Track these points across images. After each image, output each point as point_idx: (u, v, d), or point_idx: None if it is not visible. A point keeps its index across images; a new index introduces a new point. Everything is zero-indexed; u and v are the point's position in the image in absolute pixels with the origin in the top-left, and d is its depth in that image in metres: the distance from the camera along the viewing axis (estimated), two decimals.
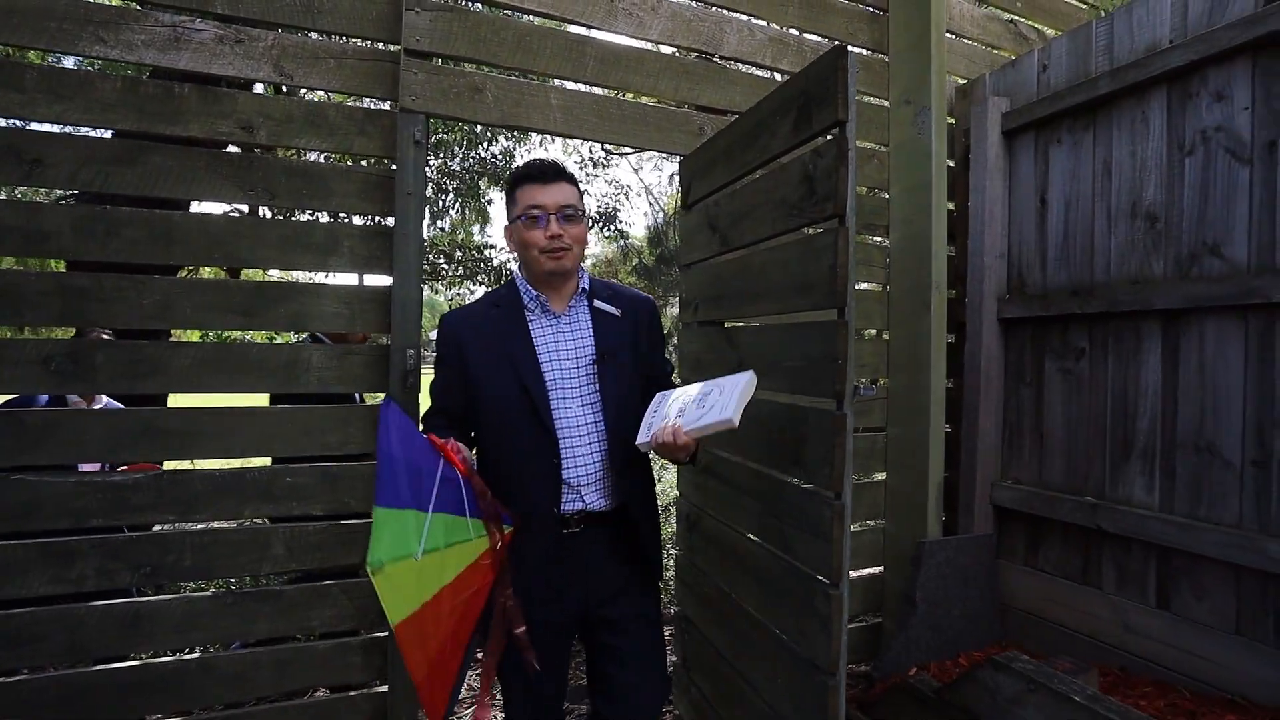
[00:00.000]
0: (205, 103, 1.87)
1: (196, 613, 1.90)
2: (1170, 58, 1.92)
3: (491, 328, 1.51)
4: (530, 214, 1.45)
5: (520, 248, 1.50)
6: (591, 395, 1.50)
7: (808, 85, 1.50)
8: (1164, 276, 1.98)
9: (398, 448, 1.23)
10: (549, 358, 1.49)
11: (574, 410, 1.48)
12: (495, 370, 1.48)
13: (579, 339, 1.53)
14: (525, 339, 1.49)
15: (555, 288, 1.53)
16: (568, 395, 1.48)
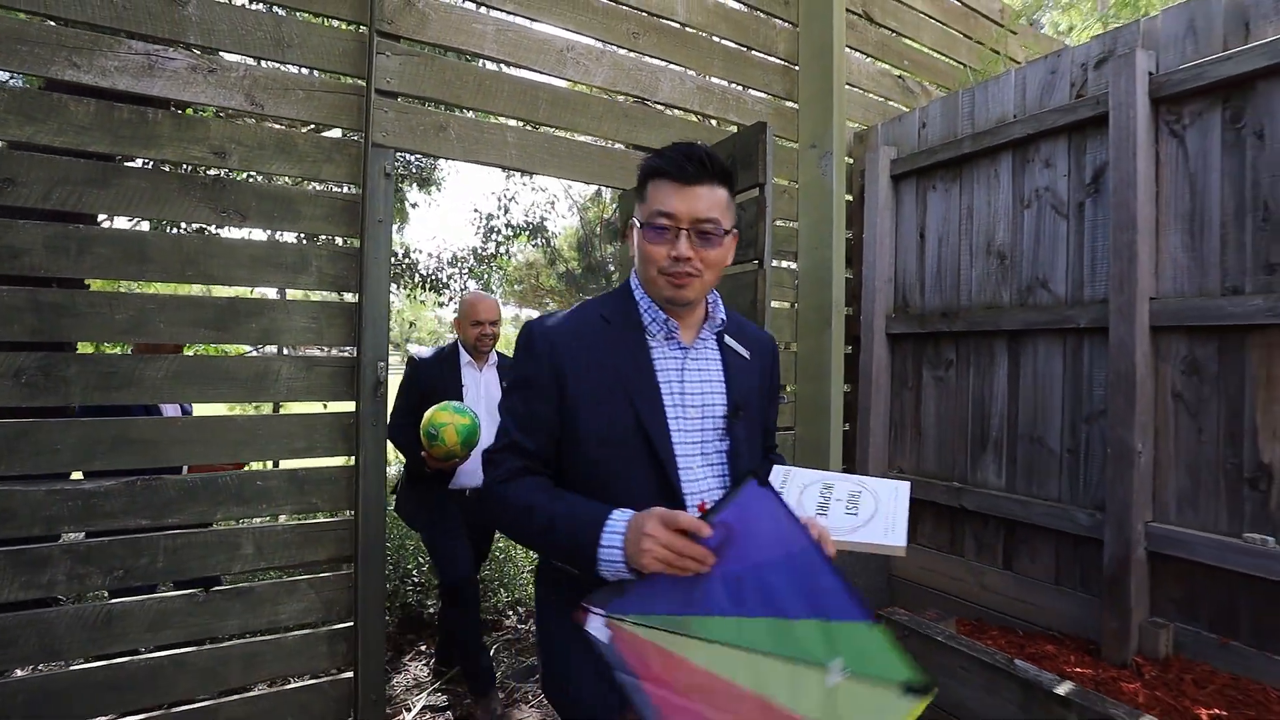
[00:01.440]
0: (178, 128, 1.98)
1: (169, 612, 2.00)
2: (1014, 130, 2.40)
3: (603, 349, 1.17)
4: (657, 223, 1.11)
5: (639, 258, 1.18)
6: (717, 456, 1.18)
7: (735, 150, 1.83)
8: (1009, 304, 2.47)
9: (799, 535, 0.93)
10: (674, 400, 1.16)
11: (696, 473, 1.15)
12: (605, 405, 1.14)
13: (709, 383, 1.20)
14: (648, 372, 1.16)
15: (682, 314, 1.20)
16: (689, 452, 1.15)
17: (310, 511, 2.17)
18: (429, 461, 2.54)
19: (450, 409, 2.45)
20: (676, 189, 1.11)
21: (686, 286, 1.12)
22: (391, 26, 2.11)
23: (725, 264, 1.17)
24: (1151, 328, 1.99)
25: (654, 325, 1.18)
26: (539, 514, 1.06)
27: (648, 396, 1.14)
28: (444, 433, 2.41)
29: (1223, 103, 1.90)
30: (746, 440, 1.21)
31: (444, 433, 2.41)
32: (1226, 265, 1.89)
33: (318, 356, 2.21)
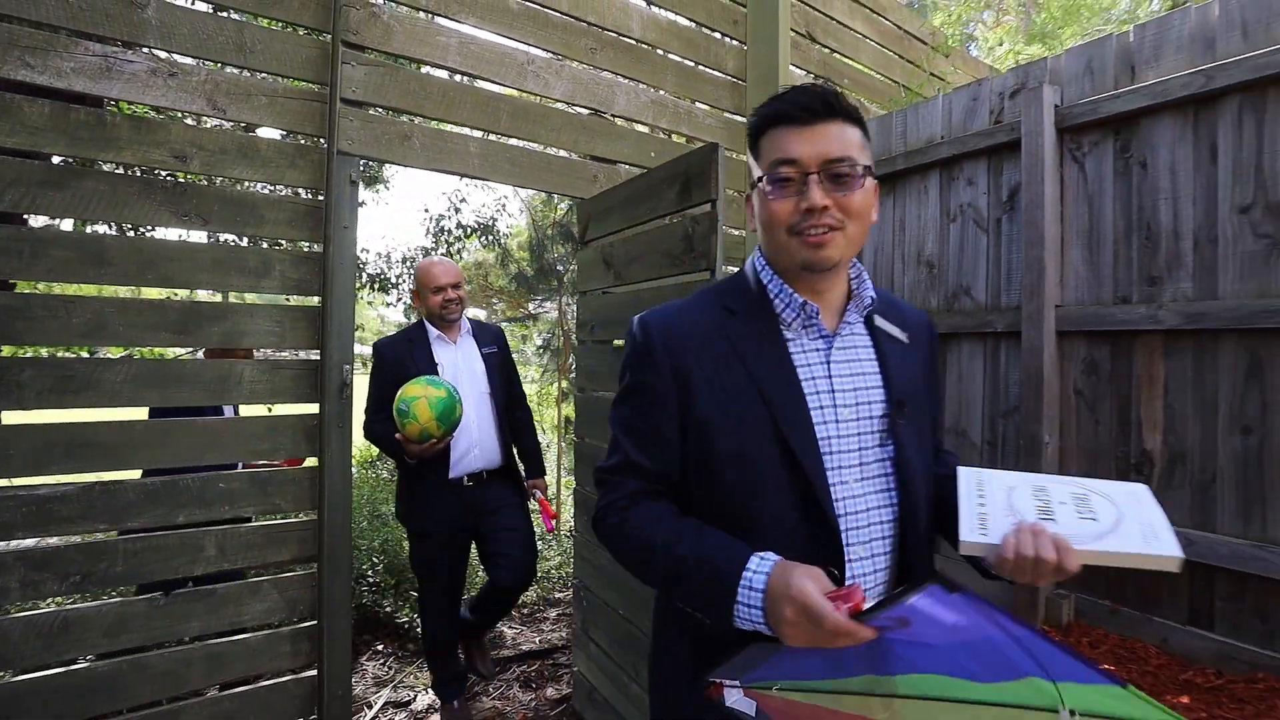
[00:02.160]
0: (138, 131, 1.97)
1: (128, 616, 2.00)
2: (941, 150, 2.63)
3: (728, 346, 0.97)
4: (779, 173, 0.91)
5: (762, 226, 0.96)
6: (880, 466, 0.96)
7: (689, 167, 1.96)
8: (938, 308, 2.70)
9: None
10: (821, 402, 0.95)
11: (854, 489, 0.94)
12: (736, 416, 0.94)
13: (862, 376, 0.98)
14: (786, 369, 0.95)
15: (820, 290, 0.97)
16: (845, 464, 0.94)
17: (274, 513, 2.19)
18: (406, 448, 2.33)
19: (422, 382, 2.29)
20: (797, 131, 0.91)
21: (827, 244, 0.89)
22: (357, 37, 2.15)
23: (870, 215, 0.93)
24: (1057, 332, 2.23)
25: (788, 311, 0.96)
26: (661, 556, 0.90)
27: (787, 400, 0.93)
28: (415, 408, 2.23)
29: (1114, 135, 2.16)
30: (915, 444, 0.97)
31: (415, 408, 2.23)
32: (1118, 277, 2.15)
33: (281, 359, 2.24)
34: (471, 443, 2.56)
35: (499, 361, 2.72)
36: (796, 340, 0.97)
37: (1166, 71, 2.05)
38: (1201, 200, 1.98)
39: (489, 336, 2.76)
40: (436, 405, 2.24)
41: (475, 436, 2.56)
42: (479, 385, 2.63)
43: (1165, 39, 2.06)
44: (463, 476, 2.55)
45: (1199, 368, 1.98)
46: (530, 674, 2.95)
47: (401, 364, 2.50)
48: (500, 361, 2.73)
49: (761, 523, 0.91)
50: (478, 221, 6.08)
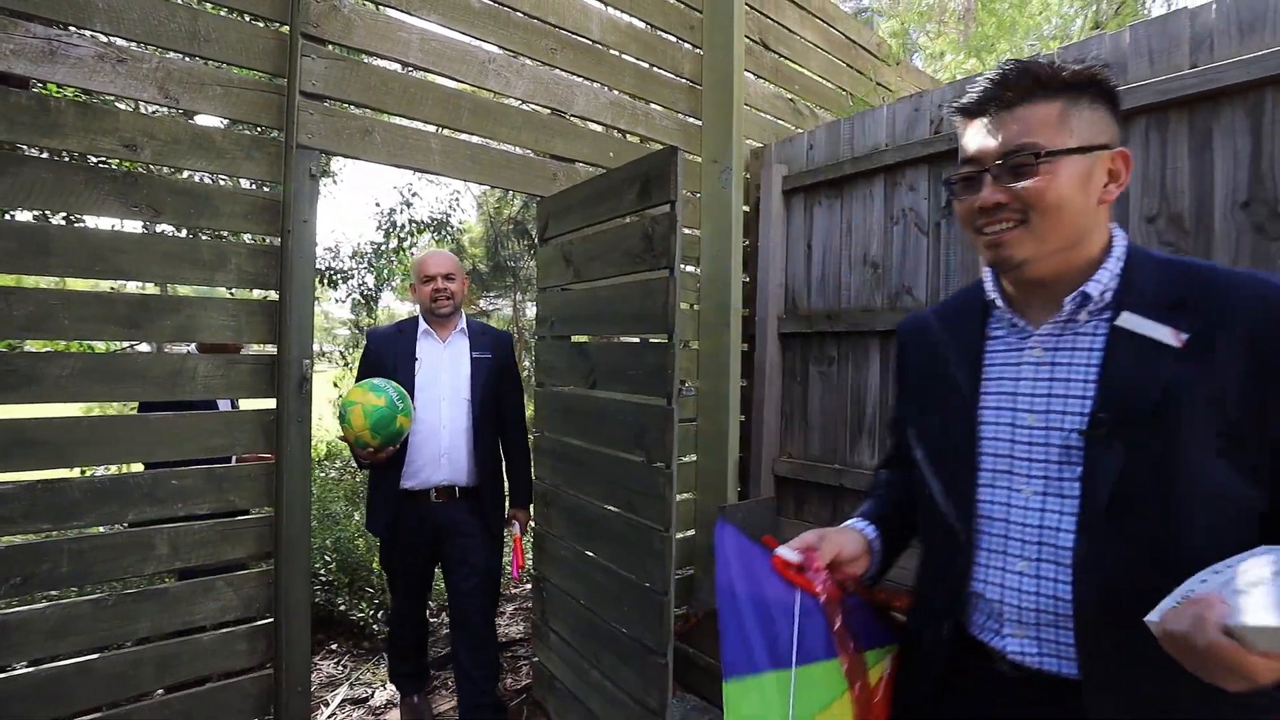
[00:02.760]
0: (84, 117, 1.92)
1: (72, 618, 1.94)
2: (885, 156, 2.78)
3: (935, 343, 0.99)
4: (960, 173, 0.89)
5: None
6: (1066, 487, 0.83)
7: (649, 169, 2.04)
8: (882, 307, 2.85)
9: (741, 583, 0.94)
10: (999, 403, 0.90)
11: (1023, 499, 0.87)
12: (923, 416, 0.98)
13: (1061, 382, 0.86)
14: (968, 368, 0.93)
15: (1028, 286, 0.90)
16: (1019, 470, 0.88)
17: (229, 510, 2.16)
18: (354, 452, 2.27)
19: (366, 386, 2.16)
20: (972, 125, 0.88)
21: (1005, 244, 0.83)
22: (316, 30, 2.14)
23: (1071, 198, 0.81)
24: None
25: (999, 309, 0.93)
26: None
27: (956, 401, 0.91)
28: (351, 413, 2.11)
29: None
30: (1131, 473, 0.77)
31: (351, 413, 2.11)
32: None
33: (236, 354, 2.21)
34: (439, 451, 2.40)
35: (492, 370, 2.51)
36: (1003, 338, 0.93)
37: None
38: (1116, 209, 2.16)
39: (488, 341, 2.56)
40: (371, 415, 2.11)
41: (444, 445, 2.40)
42: (459, 390, 2.45)
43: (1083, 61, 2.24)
44: (429, 490, 2.40)
45: None
46: None
47: (380, 354, 2.43)
48: (493, 370, 2.52)
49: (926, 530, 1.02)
50: (431, 217, 6.01)
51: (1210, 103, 2.00)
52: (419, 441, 2.38)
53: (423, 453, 2.38)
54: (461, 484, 2.45)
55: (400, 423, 2.14)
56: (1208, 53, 2.01)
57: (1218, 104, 1.99)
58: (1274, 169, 1.90)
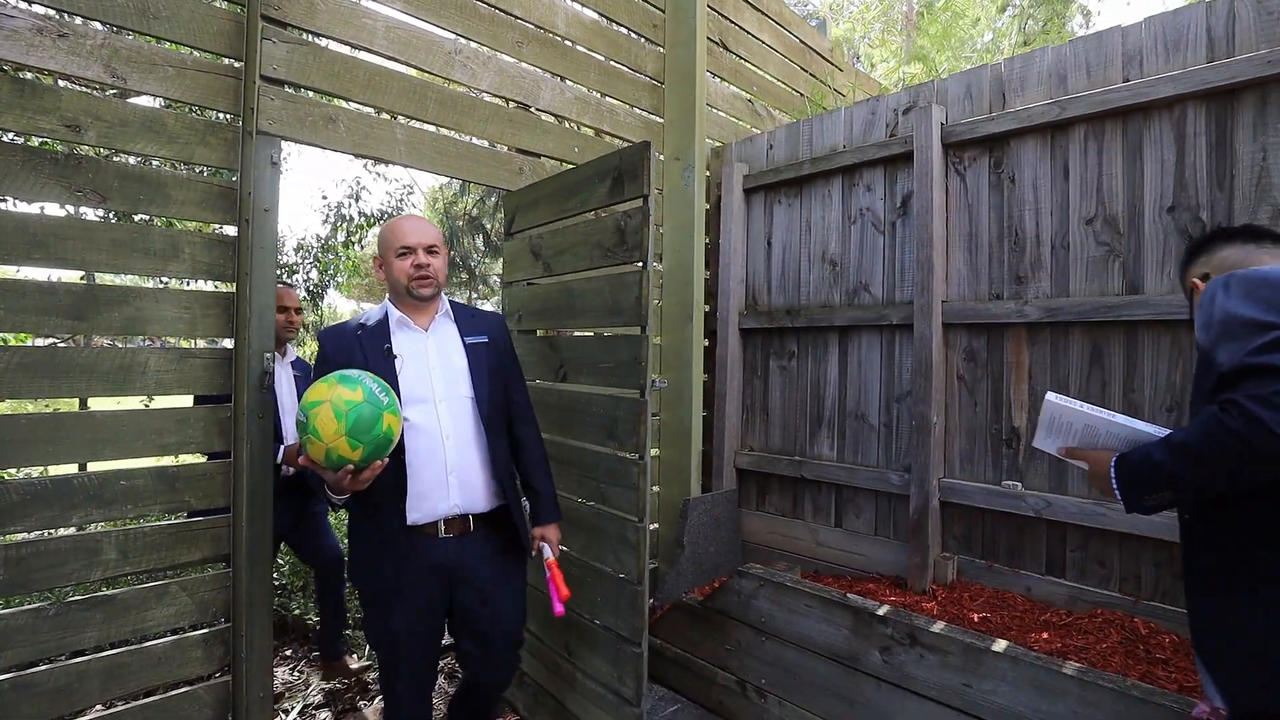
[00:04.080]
0: (20, 94, 1.80)
1: (9, 630, 1.82)
2: (843, 158, 2.88)
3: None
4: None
5: None
6: None
7: (621, 164, 2.05)
8: (840, 304, 2.95)
9: None
10: None
11: None
12: None
13: None
14: None
15: None
16: None
17: (183, 510, 2.07)
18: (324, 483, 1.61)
19: (331, 379, 1.52)
20: None
21: None
22: (278, 12, 2.06)
23: None
24: (944, 324, 2.52)
25: None
26: None
27: None
28: (317, 420, 1.44)
29: (989, 152, 2.47)
30: None
31: (317, 420, 1.44)
32: (992, 276, 2.46)
33: (189, 348, 2.11)
34: (444, 470, 1.77)
35: (492, 357, 1.93)
36: None
37: (1030, 100, 2.37)
38: (1057, 212, 2.32)
39: (480, 325, 1.97)
40: (347, 415, 1.45)
41: (451, 461, 1.78)
42: (457, 387, 1.84)
43: (1029, 72, 2.39)
44: (437, 523, 1.77)
45: (1055, 355, 2.32)
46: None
47: (342, 357, 1.76)
48: (494, 357, 1.93)
49: None
50: (382, 210, 5.85)
51: (1141, 114, 2.16)
52: (416, 461, 1.74)
53: (423, 476, 1.75)
54: (478, 510, 1.83)
55: (388, 423, 1.51)
56: (1138, 68, 2.17)
57: (1147, 115, 2.15)
58: (1196, 177, 2.07)
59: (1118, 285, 2.20)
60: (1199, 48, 2.06)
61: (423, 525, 1.77)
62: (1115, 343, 2.20)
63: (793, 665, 2.30)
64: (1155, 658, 1.93)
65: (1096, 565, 2.23)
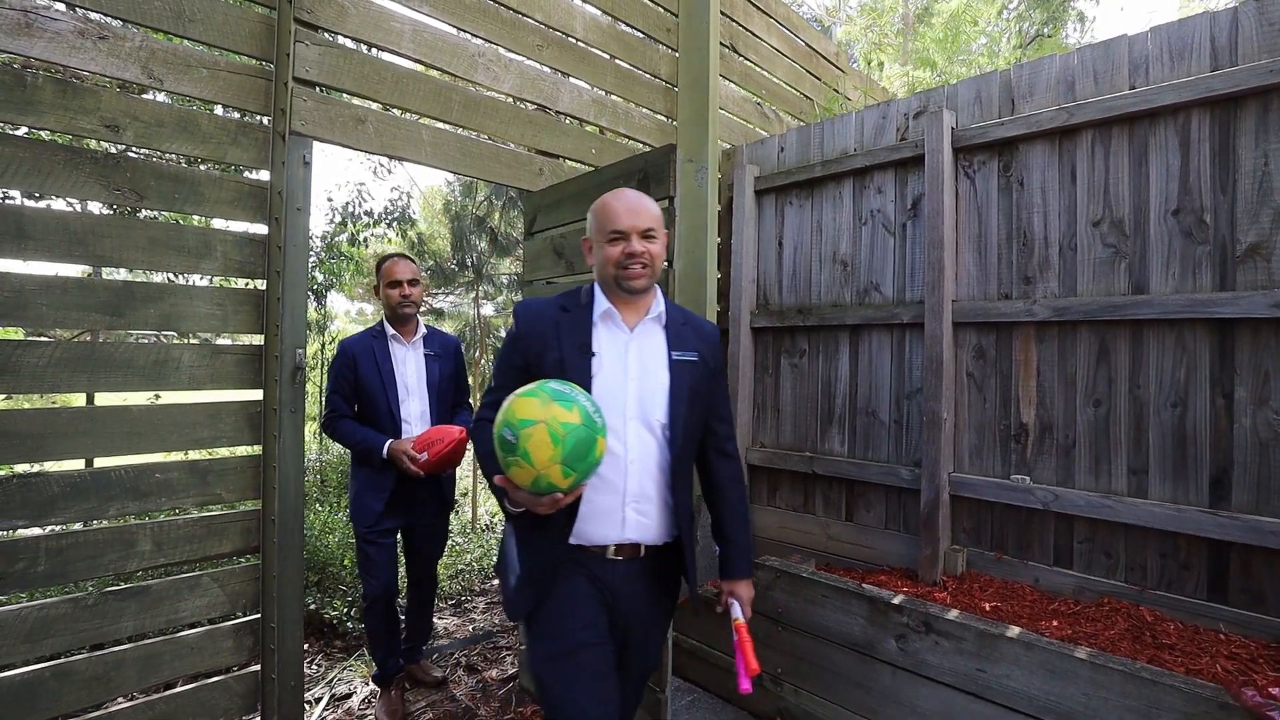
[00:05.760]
0: (63, 95, 1.84)
1: (51, 619, 1.86)
2: (855, 161, 2.94)
3: None
4: None
5: None
6: None
7: (647, 165, 2.11)
8: (850, 303, 3.02)
9: None
10: None
11: None
12: None
13: None
14: None
15: None
16: None
17: (215, 503, 2.11)
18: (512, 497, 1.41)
19: (545, 393, 1.33)
20: None
21: None
22: (311, 16, 2.11)
23: None
24: (954, 323, 2.59)
25: None
26: None
27: None
28: (529, 443, 1.28)
29: (998, 156, 2.54)
30: None
31: (529, 443, 1.28)
32: (1001, 277, 2.53)
33: (222, 344, 2.15)
34: (623, 499, 1.53)
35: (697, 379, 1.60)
36: None
37: (1039, 106, 2.45)
38: (1065, 214, 2.39)
39: (691, 340, 1.65)
40: (566, 440, 1.29)
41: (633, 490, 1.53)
42: (653, 409, 1.55)
43: (1038, 79, 2.46)
44: (607, 546, 1.52)
45: (1062, 353, 2.39)
46: (472, 658, 2.98)
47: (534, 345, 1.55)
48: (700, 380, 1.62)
49: None
50: (387, 211, 5.89)
51: (1147, 120, 2.23)
52: (593, 482, 1.49)
53: (597, 500, 1.52)
54: (650, 543, 1.56)
55: (600, 448, 1.35)
56: (1144, 76, 2.25)
57: (1153, 122, 2.22)
58: (1200, 182, 2.15)
59: (1124, 285, 2.28)
60: (1203, 57, 2.14)
61: (589, 547, 1.53)
62: (1121, 341, 2.27)
63: (809, 654, 2.36)
64: (1161, 643, 2.01)
65: (1103, 556, 2.30)
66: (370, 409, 2.57)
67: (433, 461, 2.48)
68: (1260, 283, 2.04)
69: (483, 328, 5.57)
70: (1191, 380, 2.15)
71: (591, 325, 1.54)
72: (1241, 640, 1.99)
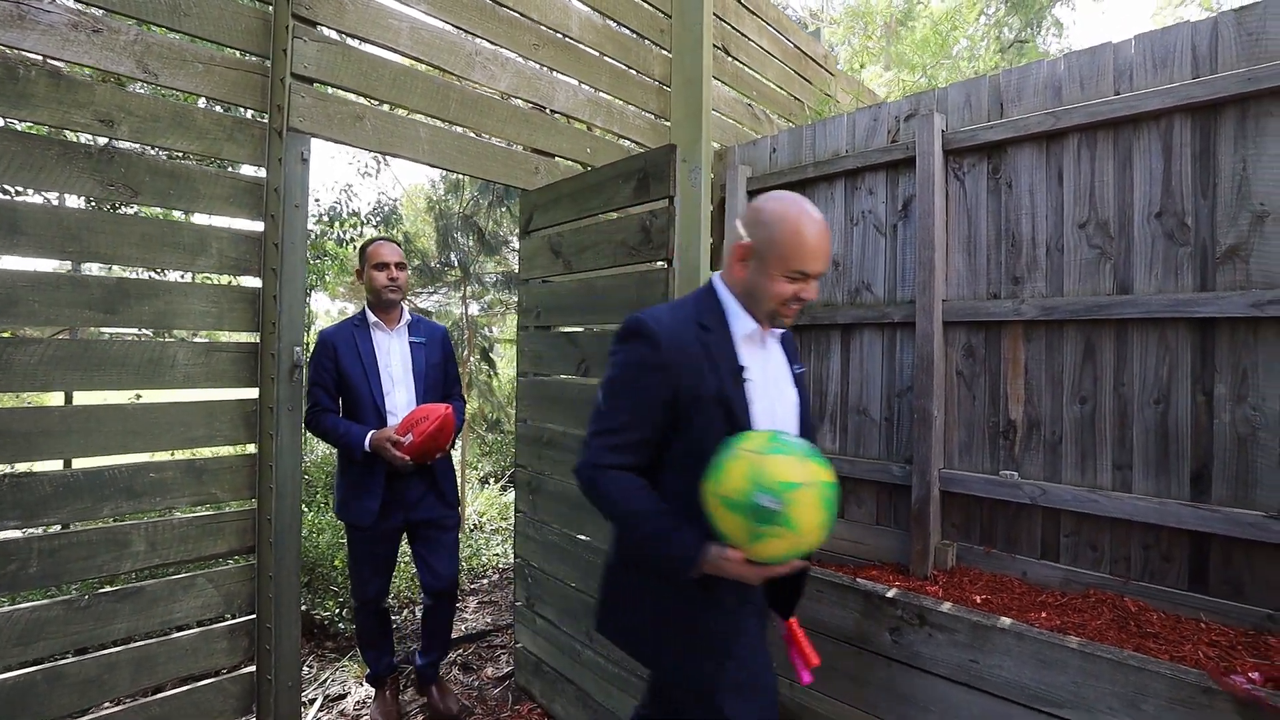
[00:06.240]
0: (56, 89, 1.81)
1: (43, 621, 1.83)
2: (846, 162, 2.99)
3: None
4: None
5: None
6: None
7: (646, 165, 2.13)
8: (842, 302, 3.06)
9: None
10: None
11: None
12: None
13: None
14: None
15: None
16: None
17: (210, 502, 2.09)
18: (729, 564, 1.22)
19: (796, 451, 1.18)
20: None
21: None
22: (309, 12, 2.10)
23: None
24: (944, 322, 2.64)
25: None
26: None
27: None
28: (796, 507, 1.12)
29: (987, 159, 2.60)
30: None
31: (796, 507, 1.12)
32: (990, 277, 2.59)
33: (217, 341, 2.13)
34: None
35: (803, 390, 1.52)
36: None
37: (1027, 110, 2.50)
38: (1052, 216, 2.46)
39: (794, 347, 1.57)
40: (830, 498, 1.18)
41: None
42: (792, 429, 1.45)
43: (1025, 84, 2.52)
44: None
45: (1050, 351, 2.45)
46: (468, 657, 2.98)
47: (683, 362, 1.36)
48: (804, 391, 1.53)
49: None
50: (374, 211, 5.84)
51: (1131, 125, 2.30)
52: None
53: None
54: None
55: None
56: (1128, 82, 2.31)
57: (1137, 127, 2.29)
58: (1182, 185, 2.22)
59: (1109, 286, 2.34)
60: (1185, 64, 2.21)
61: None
62: (1106, 340, 2.34)
63: None
64: (1146, 632, 2.07)
65: (1088, 549, 2.37)
66: (354, 402, 2.42)
67: (419, 443, 2.29)
68: (1239, 283, 2.11)
69: (470, 326, 5.54)
70: (1173, 378, 2.21)
71: (734, 344, 1.36)
72: (1221, 628, 2.06)
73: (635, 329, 1.31)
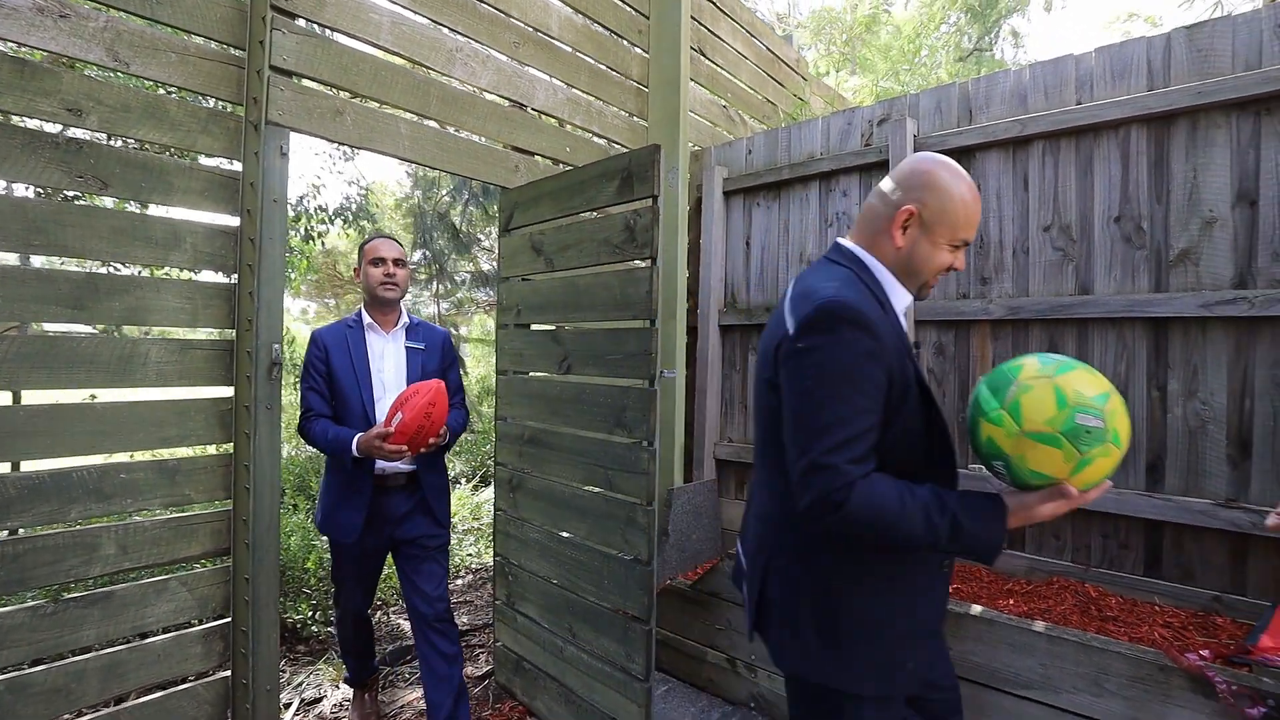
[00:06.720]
0: (21, 76, 1.74)
1: (6, 629, 1.76)
2: (821, 164, 3.05)
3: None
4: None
5: None
6: None
7: (630, 164, 2.15)
8: None
9: None
10: None
11: None
12: None
13: None
14: None
15: None
16: None
17: (183, 504, 2.03)
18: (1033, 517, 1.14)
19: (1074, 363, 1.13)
20: None
21: None
22: (288, 3, 2.06)
23: None
24: (917, 321, 2.73)
25: None
26: None
27: None
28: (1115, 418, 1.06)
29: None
30: None
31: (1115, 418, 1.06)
32: (959, 277, 2.68)
33: (192, 339, 2.07)
34: None
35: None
36: None
37: (994, 117, 2.60)
38: (1018, 220, 2.56)
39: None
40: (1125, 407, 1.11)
41: None
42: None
43: (993, 92, 2.62)
44: None
45: (1016, 349, 2.55)
46: None
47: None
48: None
49: None
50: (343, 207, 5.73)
51: (1091, 134, 2.41)
52: None
53: None
54: None
55: None
56: (1089, 92, 2.42)
57: (1097, 135, 2.40)
58: (1138, 192, 2.33)
59: (1071, 286, 2.45)
60: (1141, 76, 2.32)
61: None
62: (1069, 338, 2.45)
63: None
64: (1106, 616, 2.17)
65: (1051, 538, 2.48)
66: (342, 407, 2.25)
67: (411, 422, 2.03)
68: (1190, 285, 2.23)
69: (442, 325, 5.48)
70: (1131, 374, 2.33)
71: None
72: (1174, 610, 2.18)
73: (843, 315, 1.11)
